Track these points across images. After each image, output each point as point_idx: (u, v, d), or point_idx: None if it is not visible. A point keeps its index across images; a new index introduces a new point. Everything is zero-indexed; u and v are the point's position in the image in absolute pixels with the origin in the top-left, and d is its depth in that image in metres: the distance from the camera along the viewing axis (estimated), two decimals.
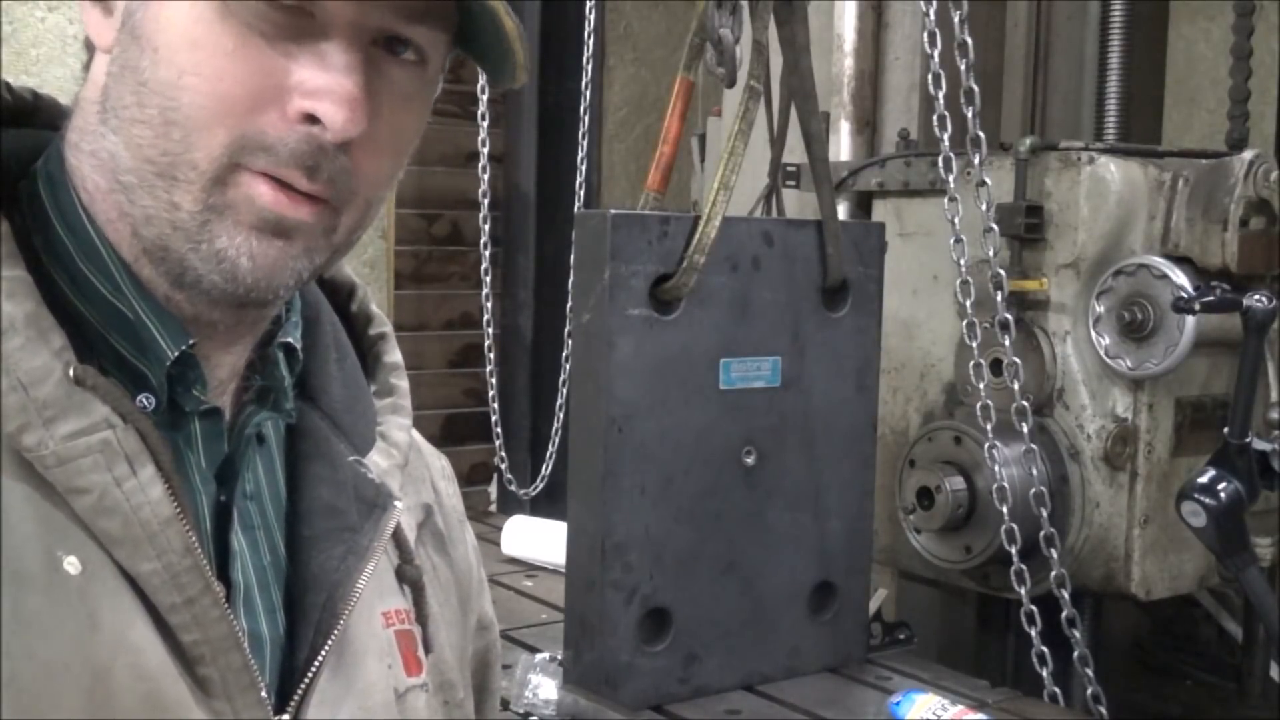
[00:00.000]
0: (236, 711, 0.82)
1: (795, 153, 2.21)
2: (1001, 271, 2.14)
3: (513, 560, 2.63)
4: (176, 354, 0.84)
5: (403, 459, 1.01)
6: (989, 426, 2.11)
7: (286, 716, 0.86)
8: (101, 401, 0.80)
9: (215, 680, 0.82)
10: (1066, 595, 2.10)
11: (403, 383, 1.03)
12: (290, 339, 0.93)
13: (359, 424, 0.97)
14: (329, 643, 0.89)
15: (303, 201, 0.82)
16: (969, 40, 2.09)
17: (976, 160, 2.12)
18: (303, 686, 0.87)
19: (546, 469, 3.48)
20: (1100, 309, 2.34)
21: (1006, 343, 2.11)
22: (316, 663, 0.88)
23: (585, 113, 3.47)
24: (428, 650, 0.98)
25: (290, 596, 0.89)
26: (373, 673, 0.92)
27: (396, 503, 0.95)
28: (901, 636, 2.21)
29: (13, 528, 0.77)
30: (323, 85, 0.80)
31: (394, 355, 1.04)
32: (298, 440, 0.94)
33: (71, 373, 0.80)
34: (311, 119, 0.81)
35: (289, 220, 0.82)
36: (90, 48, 0.86)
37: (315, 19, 0.81)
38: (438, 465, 1.17)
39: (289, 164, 0.81)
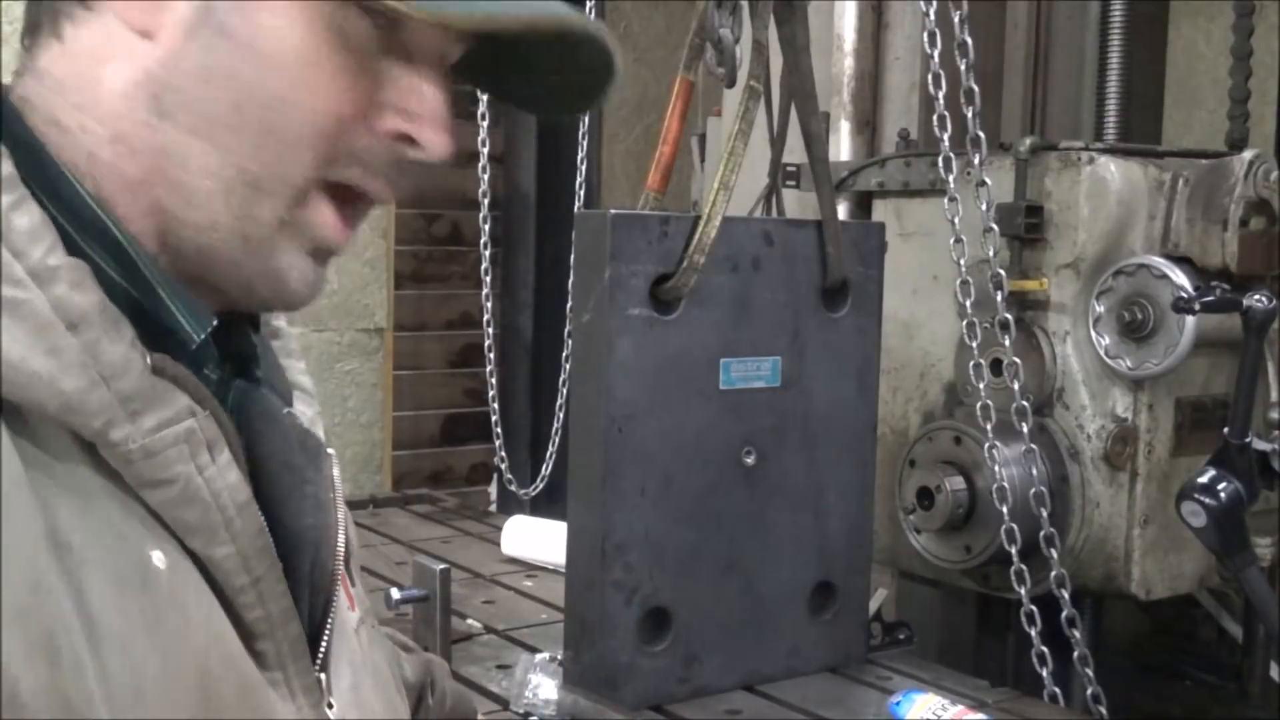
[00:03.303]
0: (289, 679, 0.83)
1: (795, 153, 2.20)
2: (1001, 271, 2.14)
3: (513, 560, 2.63)
4: (202, 337, 0.82)
5: (318, 405, 1.01)
6: (989, 426, 2.11)
7: (322, 675, 0.87)
8: (181, 390, 0.79)
9: (271, 653, 0.82)
10: (1066, 595, 2.10)
11: (284, 324, 1.01)
12: None
13: (277, 375, 0.95)
14: (335, 599, 0.89)
15: (347, 229, 0.85)
16: (969, 40, 2.09)
17: (976, 160, 2.12)
18: (325, 642, 0.88)
19: (546, 469, 3.48)
20: (1100, 309, 2.34)
21: (1006, 343, 2.11)
22: (330, 619, 0.89)
23: (585, 113, 3.46)
24: (353, 583, 0.99)
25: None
26: (346, 618, 0.94)
27: (329, 450, 0.95)
28: (901, 636, 2.21)
29: (105, 530, 0.74)
30: (421, 109, 0.84)
31: None
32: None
33: (149, 362, 0.78)
34: (405, 138, 0.83)
35: (336, 249, 0.85)
36: (71, 18, 0.80)
37: (402, 40, 0.82)
38: None
39: (374, 173, 0.84)
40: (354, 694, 0.91)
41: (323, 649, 0.88)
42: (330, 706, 0.87)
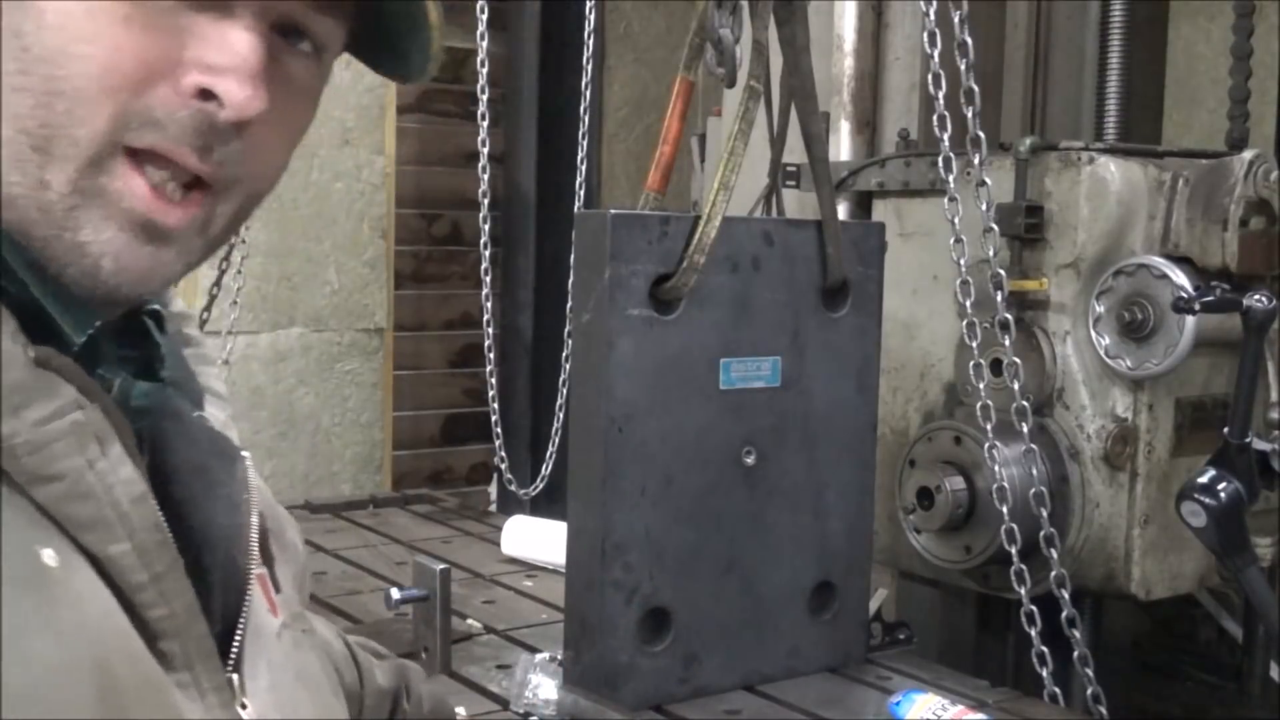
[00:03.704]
0: (198, 680, 0.80)
1: (795, 153, 2.20)
2: (1001, 271, 2.14)
3: (513, 560, 2.63)
4: (83, 337, 0.79)
5: (230, 409, 0.98)
6: (989, 426, 2.11)
7: (234, 676, 0.84)
8: (66, 382, 0.76)
9: (176, 653, 0.79)
10: (1066, 595, 2.10)
11: (197, 331, 0.99)
12: (156, 305, 0.89)
13: (187, 379, 0.92)
14: (247, 599, 0.87)
15: (176, 206, 0.78)
16: (969, 40, 2.08)
17: (976, 160, 2.12)
18: (237, 642, 0.86)
19: (546, 469, 3.48)
20: (1100, 309, 2.34)
21: (1006, 343, 2.11)
22: (242, 620, 0.86)
23: (585, 113, 3.47)
24: (277, 589, 0.96)
25: (184, 559, 0.84)
26: (265, 621, 0.91)
27: (244, 453, 0.93)
28: (901, 636, 2.21)
29: None
30: (224, 62, 0.77)
31: (178, 303, 0.97)
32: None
33: (32, 354, 0.75)
34: (207, 95, 0.76)
35: (160, 226, 0.78)
36: None
37: None
38: None
39: (179, 141, 0.77)
40: (273, 695, 0.89)
41: (235, 649, 0.85)
42: (244, 707, 0.85)
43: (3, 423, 0.73)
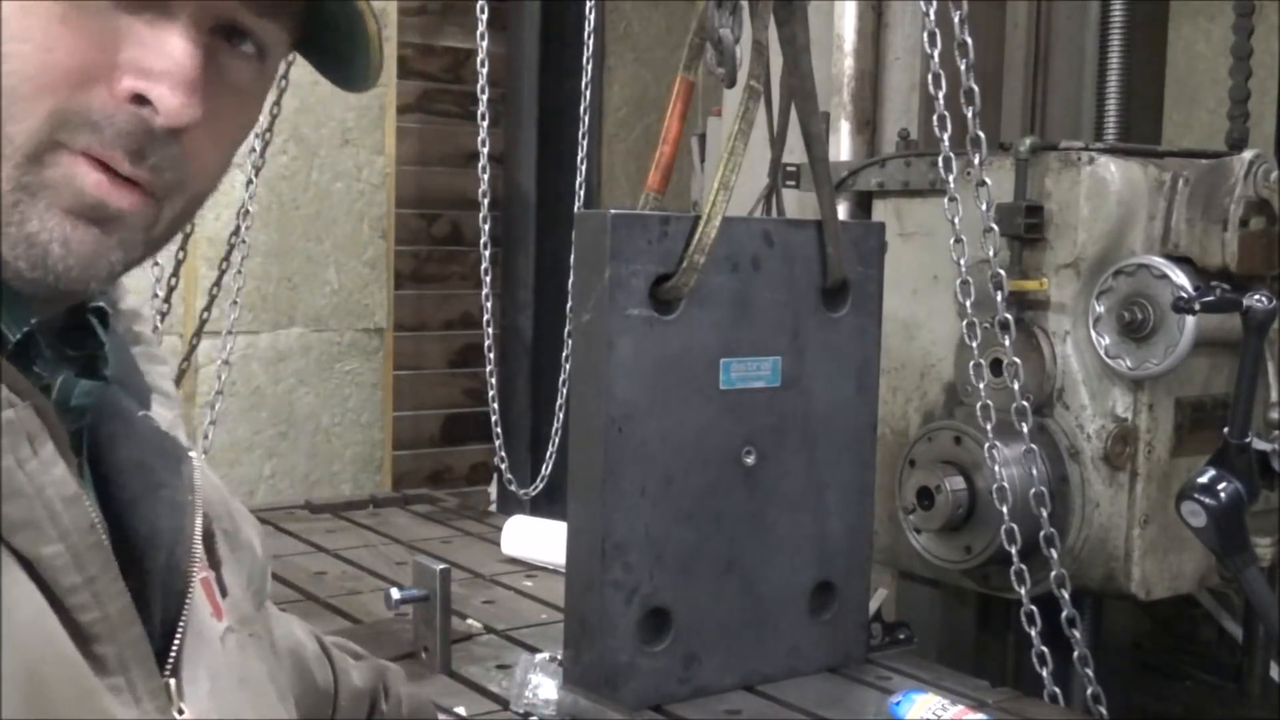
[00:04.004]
0: (132, 684, 0.79)
1: (795, 153, 2.20)
2: (1001, 271, 2.14)
3: (513, 560, 2.63)
4: (19, 336, 0.78)
5: (179, 408, 0.97)
6: (989, 426, 2.11)
7: (172, 681, 0.83)
8: None
9: (110, 657, 0.78)
10: (1066, 595, 2.10)
11: (146, 329, 0.97)
12: (102, 303, 0.88)
13: (133, 378, 0.91)
14: (188, 601, 0.86)
15: (126, 189, 0.77)
16: (969, 40, 2.09)
17: (976, 160, 2.12)
18: (175, 646, 0.84)
19: (546, 469, 3.48)
20: (1100, 309, 2.34)
21: (1006, 343, 2.11)
22: (182, 623, 0.85)
23: (585, 113, 3.47)
24: (224, 593, 0.95)
25: (122, 561, 0.82)
26: (207, 625, 0.90)
27: (191, 453, 0.91)
28: (901, 636, 2.21)
29: None
30: (159, 66, 0.76)
31: (129, 300, 0.95)
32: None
33: None
34: (142, 100, 0.76)
35: (110, 208, 0.77)
36: None
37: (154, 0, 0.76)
38: None
39: (113, 144, 0.76)
40: (213, 700, 0.87)
41: (173, 653, 0.84)
42: (181, 712, 0.83)
43: None
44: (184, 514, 0.87)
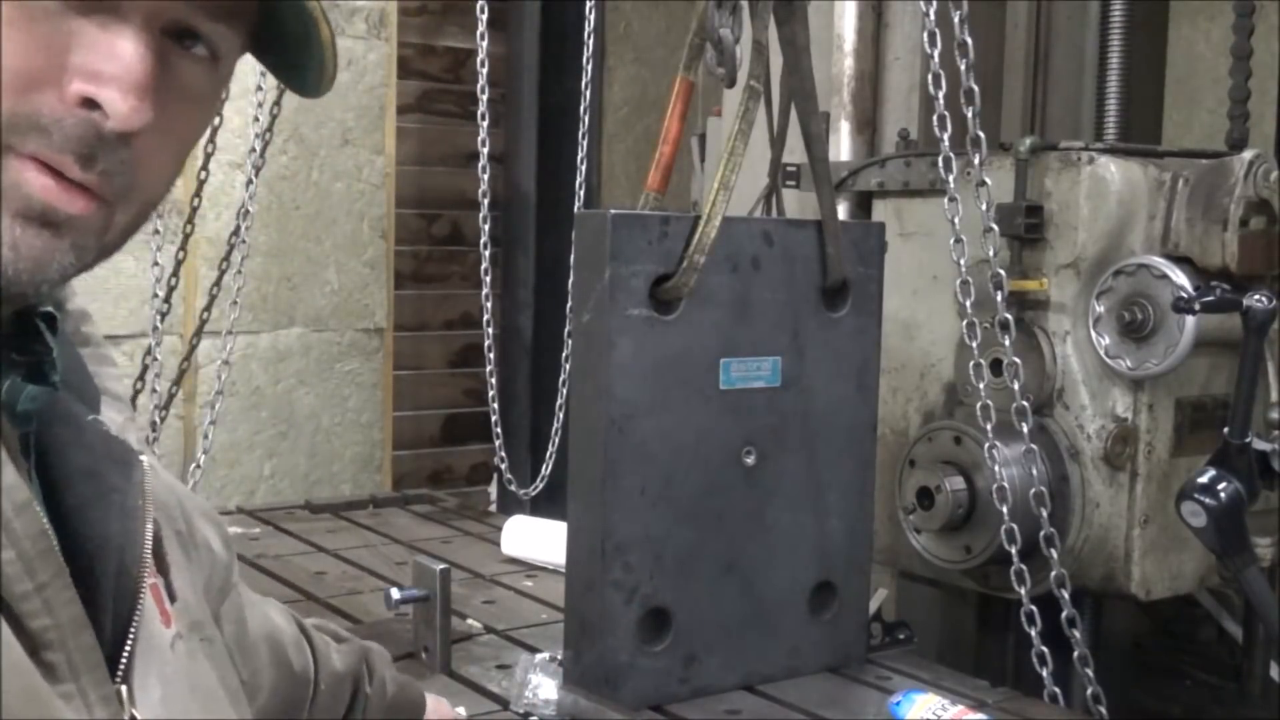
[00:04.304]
0: (84, 691, 0.78)
1: (795, 153, 2.20)
2: (1001, 271, 2.14)
3: (513, 560, 2.63)
4: None
5: (131, 411, 0.96)
6: (989, 426, 2.11)
7: (123, 687, 0.82)
8: None
9: (61, 664, 0.77)
10: (1066, 595, 2.10)
11: (96, 330, 0.96)
12: (49, 307, 0.86)
13: (82, 381, 0.90)
14: (139, 608, 0.85)
15: (77, 193, 0.76)
16: (969, 40, 2.08)
17: (976, 160, 2.12)
18: (126, 653, 0.84)
19: (546, 469, 3.48)
20: (1100, 309, 2.34)
21: (1006, 343, 2.11)
22: (133, 630, 0.84)
23: (585, 113, 3.47)
24: (173, 599, 0.94)
25: (73, 567, 0.81)
26: (157, 631, 0.89)
27: (142, 457, 0.90)
28: (901, 636, 2.21)
29: None
30: (109, 70, 0.75)
31: (76, 301, 0.94)
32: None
33: None
34: (92, 104, 0.75)
35: (59, 212, 0.76)
36: None
37: (105, 2, 0.75)
38: None
39: (62, 149, 0.75)
40: (164, 707, 0.86)
41: (124, 660, 0.83)
42: (133, 719, 0.83)
43: None
44: (134, 519, 0.86)
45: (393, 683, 1.37)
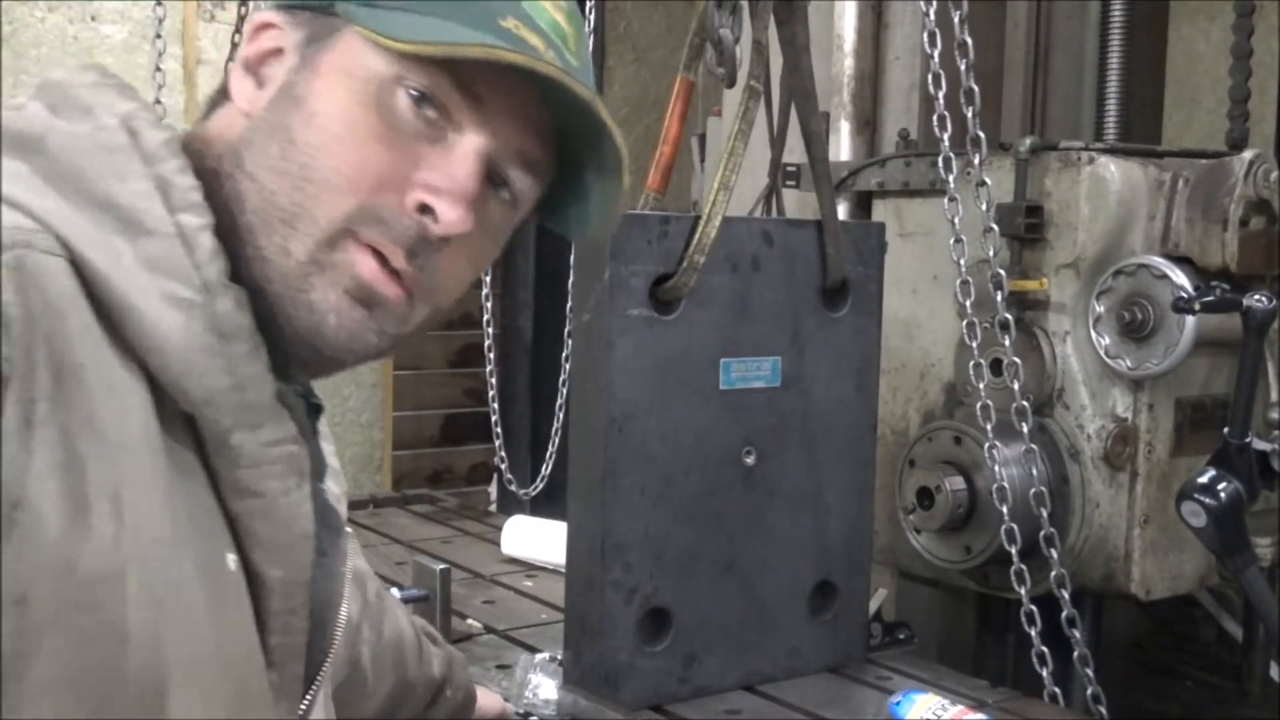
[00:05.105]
0: (279, 714, 0.91)
1: (795, 153, 2.20)
2: (1001, 271, 2.14)
3: (513, 560, 2.63)
4: (301, 388, 0.94)
5: (345, 486, 1.10)
6: (989, 426, 2.11)
7: None
8: (290, 418, 0.91)
9: (276, 684, 0.89)
10: (1066, 595, 2.10)
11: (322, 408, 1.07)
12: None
13: (314, 451, 1.01)
14: (329, 659, 0.97)
15: (394, 281, 0.92)
16: (969, 40, 2.08)
17: (976, 160, 2.12)
18: (312, 692, 0.95)
19: (546, 469, 3.48)
20: (1100, 309, 2.34)
21: (1006, 343, 2.11)
22: (321, 674, 0.97)
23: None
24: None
25: None
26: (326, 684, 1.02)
27: (348, 529, 1.04)
28: (901, 636, 2.21)
29: (201, 517, 0.85)
30: (445, 186, 0.92)
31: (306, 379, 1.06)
32: None
33: (274, 387, 0.89)
34: (425, 210, 0.91)
35: (378, 293, 0.92)
36: (212, 105, 0.99)
37: (449, 135, 0.93)
38: None
39: (395, 241, 0.91)
40: None
41: (309, 698, 0.95)
42: None
43: (240, 433, 0.87)
44: (337, 583, 1.01)
45: (463, 689, 1.50)
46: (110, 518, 0.77)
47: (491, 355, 3.59)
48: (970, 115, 2.09)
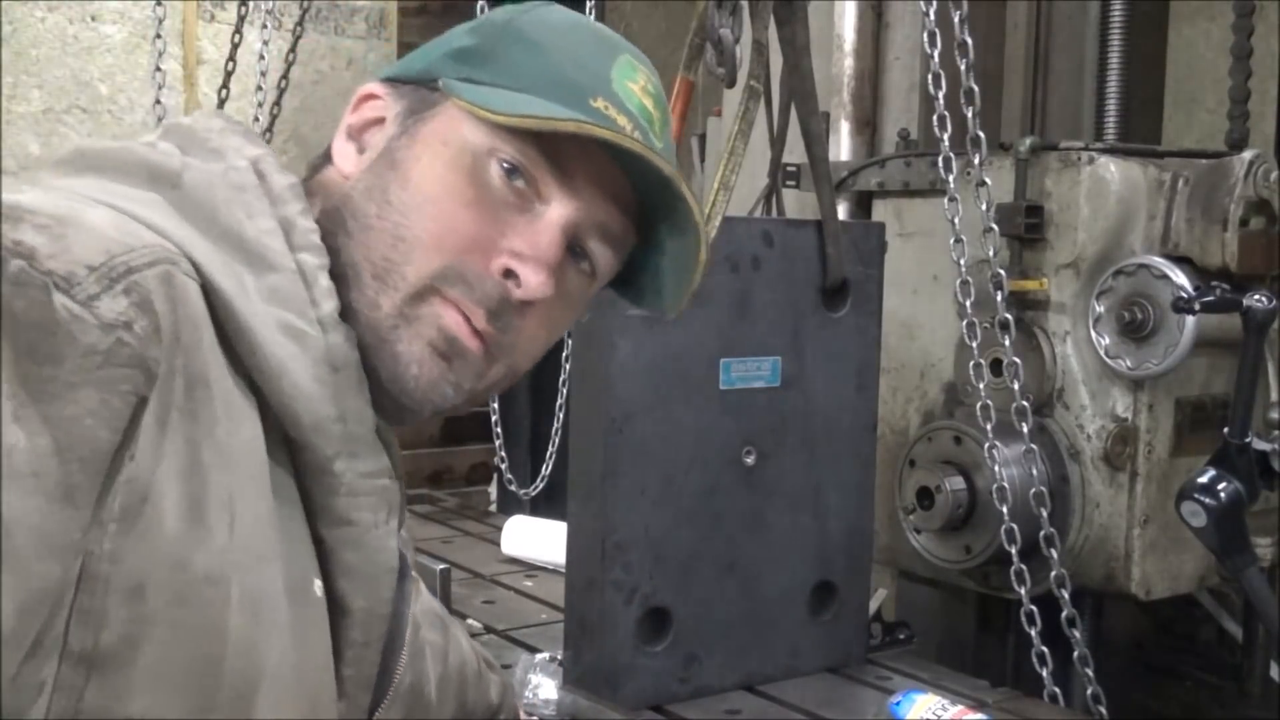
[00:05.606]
0: None
1: (795, 153, 2.20)
2: (1001, 271, 2.14)
3: (513, 560, 2.63)
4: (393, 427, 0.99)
5: (410, 531, 1.14)
6: (989, 426, 2.11)
7: None
8: (386, 452, 0.96)
9: (342, 712, 0.94)
10: (1066, 595, 2.10)
11: (395, 440, 1.12)
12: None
13: (401, 488, 1.06)
14: (388, 698, 1.03)
15: (475, 337, 0.97)
16: (969, 40, 2.08)
17: (976, 160, 2.12)
18: None
19: (546, 469, 3.47)
20: (1100, 309, 2.34)
21: (1006, 343, 2.11)
22: (380, 710, 1.02)
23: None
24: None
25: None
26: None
27: (414, 573, 1.10)
28: (901, 636, 2.21)
29: (295, 540, 0.90)
30: (529, 252, 0.97)
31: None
32: None
33: (374, 423, 0.94)
34: (508, 275, 0.96)
35: (461, 344, 0.96)
36: (313, 170, 1.06)
37: (536, 206, 0.98)
38: None
39: (478, 302, 0.96)
40: None
41: None
42: None
43: (342, 461, 0.92)
44: (403, 625, 1.05)
45: (513, 712, 1.52)
46: (223, 526, 0.83)
47: None
48: (970, 115, 2.09)
